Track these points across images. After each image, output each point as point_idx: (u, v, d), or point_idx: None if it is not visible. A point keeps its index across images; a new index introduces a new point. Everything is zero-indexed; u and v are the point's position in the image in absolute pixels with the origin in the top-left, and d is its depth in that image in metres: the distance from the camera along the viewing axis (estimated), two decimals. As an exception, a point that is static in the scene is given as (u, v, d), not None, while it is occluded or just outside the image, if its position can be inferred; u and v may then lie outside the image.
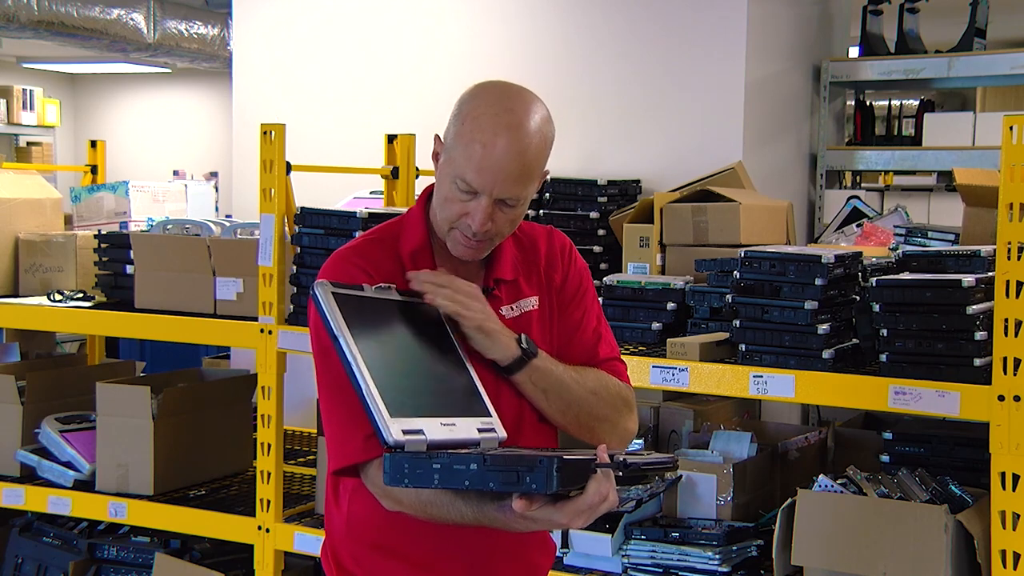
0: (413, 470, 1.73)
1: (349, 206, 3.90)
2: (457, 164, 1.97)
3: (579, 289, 2.19)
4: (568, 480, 1.68)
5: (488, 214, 1.98)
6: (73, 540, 3.97)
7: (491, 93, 2.00)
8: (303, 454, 4.36)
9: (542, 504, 1.72)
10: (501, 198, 1.97)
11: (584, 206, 3.94)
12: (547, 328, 2.14)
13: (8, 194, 4.30)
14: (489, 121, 1.95)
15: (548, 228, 2.23)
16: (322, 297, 1.86)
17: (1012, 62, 4.50)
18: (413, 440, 1.78)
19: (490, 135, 1.94)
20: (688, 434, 3.49)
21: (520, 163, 1.95)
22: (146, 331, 3.94)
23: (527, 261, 2.16)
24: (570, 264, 2.19)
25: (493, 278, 2.11)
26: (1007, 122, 2.56)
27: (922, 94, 6.95)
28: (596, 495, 1.73)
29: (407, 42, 4.72)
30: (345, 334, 1.83)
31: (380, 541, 2.06)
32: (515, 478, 1.67)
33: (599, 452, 1.75)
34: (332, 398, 1.99)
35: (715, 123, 4.15)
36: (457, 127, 1.99)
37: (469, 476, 1.70)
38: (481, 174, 1.95)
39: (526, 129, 1.96)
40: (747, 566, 3.01)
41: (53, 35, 7.34)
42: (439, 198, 2.04)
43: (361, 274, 2.02)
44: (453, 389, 1.94)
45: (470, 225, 1.99)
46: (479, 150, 1.94)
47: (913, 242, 3.47)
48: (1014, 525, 2.57)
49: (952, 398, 2.62)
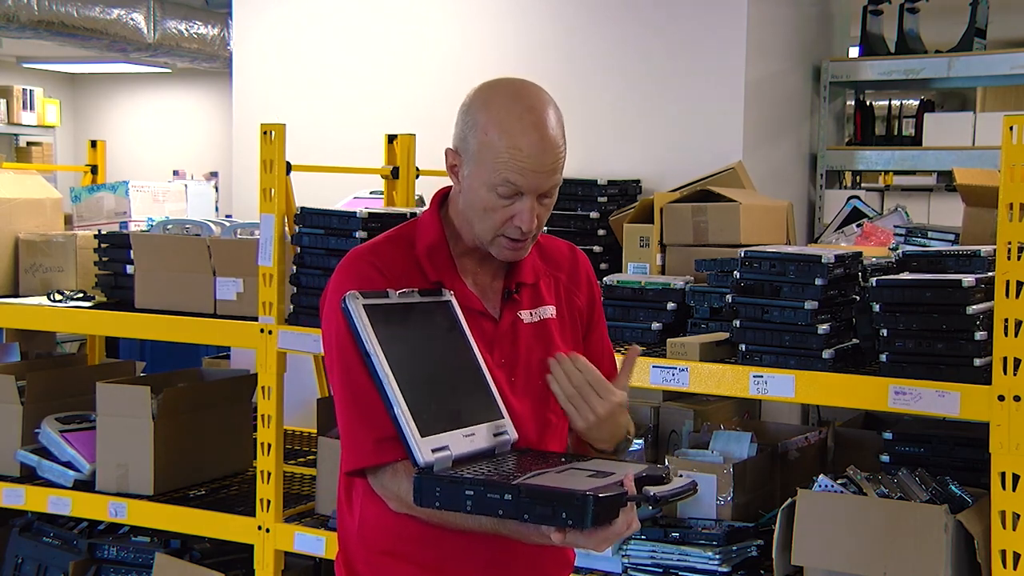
0: (445, 494, 1.78)
1: (349, 206, 3.90)
2: (493, 172, 1.98)
3: (600, 316, 2.27)
4: (602, 516, 1.71)
5: (534, 212, 2.01)
6: (73, 540, 3.97)
7: (503, 95, 2.02)
8: (303, 454, 4.36)
9: (572, 532, 1.75)
10: (543, 192, 2.02)
11: (584, 206, 3.94)
12: (566, 340, 2.16)
13: (8, 194, 4.30)
14: (514, 124, 1.97)
15: (570, 245, 2.27)
16: (353, 311, 1.88)
17: (1012, 62, 4.50)
18: (441, 458, 1.83)
19: (520, 137, 1.97)
20: (688, 434, 3.49)
21: (553, 155, 2.01)
22: (146, 331, 3.94)
23: (547, 269, 2.18)
24: (594, 289, 2.25)
25: (516, 281, 2.12)
26: (1007, 122, 2.56)
27: (922, 94, 6.95)
28: (623, 524, 1.76)
29: (408, 42, 4.72)
30: (377, 352, 1.85)
31: (393, 547, 2.05)
32: (550, 512, 1.70)
33: (627, 483, 1.77)
34: (346, 400, 1.99)
35: (715, 123, 4.15)
36: (479, 136, 1.99)
37: (503, 506, 1.73)
38: (524, 175, 1.98)
39: (550, 121, 2.01)
40: (747, 566, 3.01)
41: (53, 35, 7.34)
42: (475, 209, 2.03)
43: (376, 274, 2.02)
44: (471, 394, 1.97)
45: (519, 227, 2.01)
46: (515, 153, 1.97)
47: (913, 242, 3.47)
48: (1014, 525, 2.56)
49: (952, 398, 2.62)
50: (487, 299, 2.11)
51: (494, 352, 2.07)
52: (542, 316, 2.14)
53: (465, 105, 2.04)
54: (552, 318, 2.15)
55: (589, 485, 1.74)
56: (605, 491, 1.72)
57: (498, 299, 2.12)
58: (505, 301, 2.11)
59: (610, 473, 1.81)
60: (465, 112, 2.03)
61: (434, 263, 2.07)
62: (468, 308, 2.06)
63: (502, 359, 2.08)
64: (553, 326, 2.14)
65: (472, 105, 2.03)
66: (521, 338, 2.10)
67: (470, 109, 2.02)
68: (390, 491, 1.96)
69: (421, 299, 2.00)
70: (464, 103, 2.04)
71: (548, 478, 1.79)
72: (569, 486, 1.74)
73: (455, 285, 2.07)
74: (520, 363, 2.09)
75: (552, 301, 2.16)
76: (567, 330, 2.17)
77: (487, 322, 2.09)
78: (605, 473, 1.82)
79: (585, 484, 1.75)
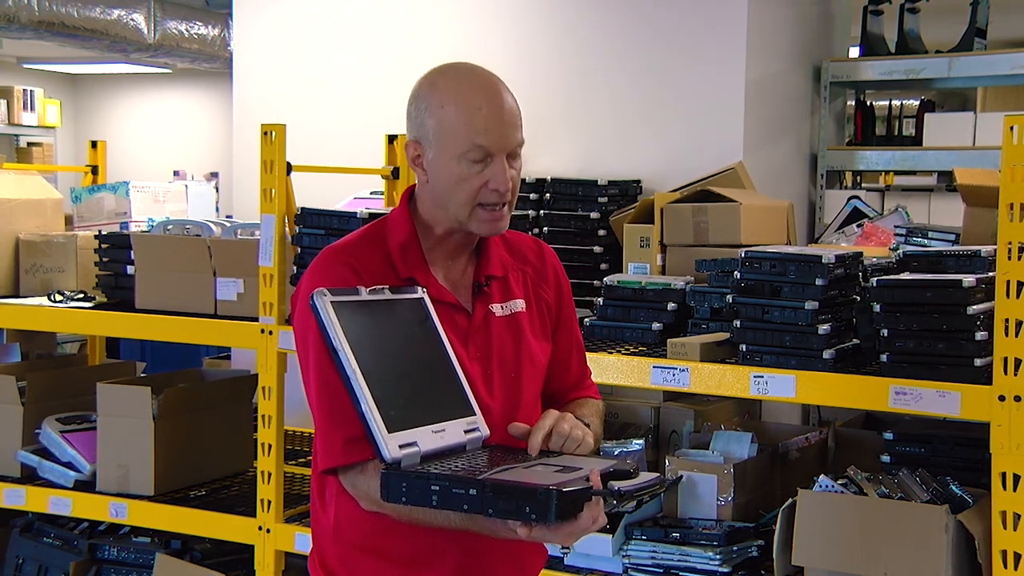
0: (411, 489, 1.77)
1: (349, 206, 3.90)
2: (459, 140, 2.01)
3: (570, 310, 2.28)
4: (566, 511, 1.71)
5: (506, 171, 2.03)
6: (74, 540, 3.97)
7: (449, 73, 2.08)
8: (303, 454, 4.35)
9: (538, 527, 1.76)
10: (511, 150, 2.04)
11: (584, 206, 3.94)
12: (535, 333, 2.17)
13: (9, 194, 4.30)
14: (467, 89, 2.03)
15: (535, 239, 2.30)
16: (321, 308, 1.87)
17: (1012, 62, 4.50)
18: (408, 453, 1.83)
19: (479, 99, 2.02)
20: (689, 434, 3.49)
21: (512, 111, 2.05)
22: (146, 331, 3.94)
23: (514, 263, 2.20)
24: (562, 285, 2.26)
25: (485, 274, 2.13)
26: (1007, 122, 2.56)
27: (922, 94, 6.94)
28: (588, 519, 1.77)
29: (408, 42, 4.72)
30: (344, 347, 1.85)
31: (367, 543, 2.06)
32: (515, 507, 1.71)
33: (592, 478, 1.78)
34: (318, 400, 2.01)
35: (715, 123, 4.15)
36: (437, 114, 2.03)
37: (468, 500, 1.73)
38: (490, 133, 2.01)
39: (497, 82, 2.07)
40: (748, 566, 3.01)
41: (54, 35, 7.34)
42: (446, 186, 2.05)
43: (349, 271, 2.03)
44: (442, 391, 1.97)
45: (496, 189, 2.03)
46: (477, 114, 2.01)
47: (913, 242, 3.47)
48: (1015, 525, 2.56)
49: (953, 398, 2.62)
50: (459, 294, 2.12)
51: (468, 346, 2.08)
52: (512, 310, 2.16)
53: (412, 96, 2.09)
54: (522, 311, 2.17)
55: (554, 480, 1.75)
56: (569, 485, 1.72)
57: (469, 294, 2.13)
58: (476, 294, 2.12)
59: (577, 468, 1.82)
60: (415, 100, 2.08)
61: (405, 259, 2.09)
62: (441, 302, 2.07)
63: (477, 353, 2.09)
64: (523, 319, 2.16)
65: (420, 92, 2.08)
66: (494, 331, 2.12)
67: (419, 96, 2.07)
68: (360, 490, 1.97)
69: (392, 295, 2.00)
70: (411, 96, 2.09)
71: (515, 473, 1.80)
72: (534, 481, 1.74)
73: (427, 280, 2.08)
74: (494, 356, 2.10)
75: (521, 295, 2.18)
76: (536, 323, 2.19)
77: (461, 316, 2.10)
78: (573, 468, 1.82)
79: (550, 479, 1.76)
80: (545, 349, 2.19)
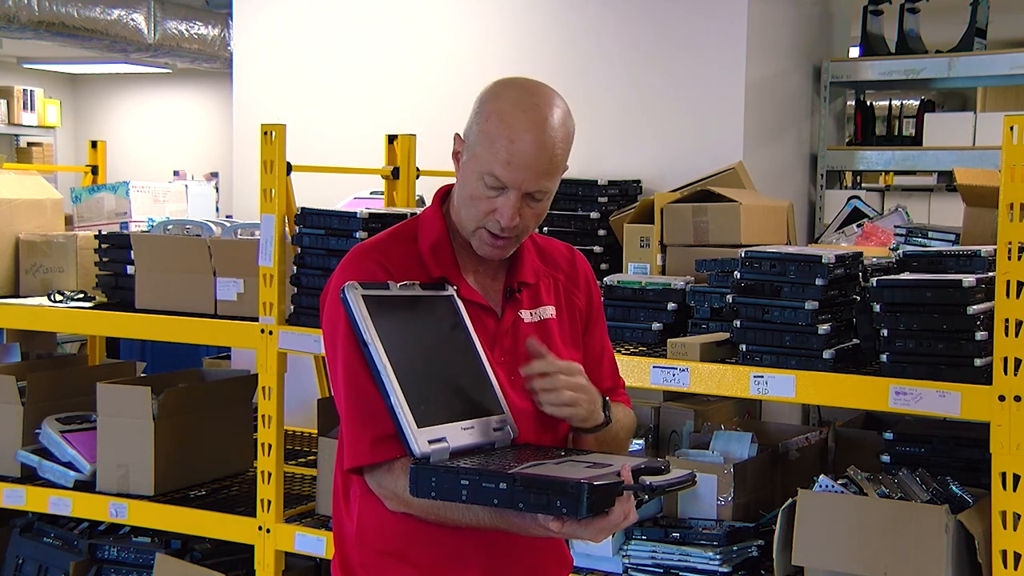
0: (441, 484, 1.76)
1: (349, 206, 3.90)
2: (483, 160, 1.98)
3: (600, 318, 2.26)
4: (598, 505, 1.70)
5: (516, 209, 1.99)
6: (74, 540, 3.97)
7: (513, 89, 2.02)
8: (304, 454, 4.36)
9: (570, 522, 1.75)
10: (529, 192, 1.99)
11: (584, 206, 3.94)
12: (566, 341, 2.16)
13: (9, 195, 4.30)
14: (515, 117, 1.97)
15: (569, 246, 2.27)
16: (352, 301, 1.87)
17: (1012, 62, 4.50)
18: (437, 449, 1.82)
19: (517, 130, 1.96)
20: (689, 434, 3.49)
21: (547, 156, 1.98)
22: (146, 331, 3.94)
23: (547, 270, 2.18)
24: (593, 292, 2.24)
25: (517, 280, 2.12)
26: (1007, 122, 2.56)
27: (922, 94, 6.94)
28: (620, 514, 1.76)
29: (408, 42, 4.72)
30: (375, 341, 1.84)
31: (391, 547, 2.04)
32: (545, 501, 1.69)
33: (623, 473, 1.76)
34: (346, 397, 1.99)
35: (715, 123, 4.15)
36: (481, 124, 1.99)
37: (498, 495, 1.72)
38: (509, 169, 1.96)
39: (551, 123, 1.98)
40: (748, 566, 3.01)
41: (54, 35, 7.34)
42: (464, 196, 2.03)
43: (380, 269, 2.02)
44: (471, 388, 1.96)
45: (498, 221, 1.99)
46: (507, 145, 1.95)
47: (913, 242, 3.47)
48: (1015, 525, 2.56)
49: (953, 398, 2.62)
50: (488, 297, 2.11)
51: (495, 350, 2.07)
52: (542, 316, 2.14)
53: (479, 95, 2.04)
54: (552, 318, 2.15)
55: (585, 474, 1.74)
56: (600, 479, 1.71)
57: (499, 298, 2.12)
58: (507, 300, 2.11)
59: (608, 464, 1.81)
60: (478, 100, 2.04)
61: (437, 259, 2.07)
62: (471, 303, 2.06)
63: (502, 357, 2.07)
64: (553, 326, 2.14)
65: (483, 95, 2.03)
66: (522, 337, 2.10)
67: (481, 98, 2.03)
68: (387, 489, 1.95)
69: (423, 292, 2.00)
70: (479, 93, 2.05)
71: (545, 468, 1.79)
72: (565, 475, 1.74)
73: (458, 281, 2.07)
74: (520, 361, 2.08)
75: (551, 302, 2.16)
76: (566, 330, 2.17)
77: (489, 319, 2.09)
78: (603, 464, 1.82)
79: (581, 473, 1.75)
80: (575, 357, 2.15)
